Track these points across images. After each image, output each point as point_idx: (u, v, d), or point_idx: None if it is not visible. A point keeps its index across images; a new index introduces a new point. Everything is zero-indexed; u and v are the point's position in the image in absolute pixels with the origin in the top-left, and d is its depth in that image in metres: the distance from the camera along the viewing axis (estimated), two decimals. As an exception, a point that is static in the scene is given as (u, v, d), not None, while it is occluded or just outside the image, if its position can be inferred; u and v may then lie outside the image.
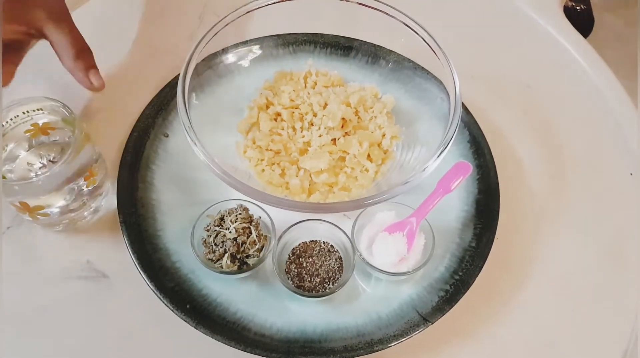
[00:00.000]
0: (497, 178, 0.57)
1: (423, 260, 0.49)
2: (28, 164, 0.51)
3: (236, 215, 0.49)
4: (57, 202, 0.49)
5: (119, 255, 0.52)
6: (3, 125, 0.49)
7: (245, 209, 0.50)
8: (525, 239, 0.57)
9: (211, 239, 0.49)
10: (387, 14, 0.57)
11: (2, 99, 0.48)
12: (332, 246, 0.52)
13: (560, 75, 0.70)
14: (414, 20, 0.56)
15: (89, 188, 0.51)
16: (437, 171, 0.49)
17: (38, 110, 0.50)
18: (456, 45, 0.55)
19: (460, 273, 0.51)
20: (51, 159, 0.50)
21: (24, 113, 0.49)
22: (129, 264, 0.50)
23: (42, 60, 0.59)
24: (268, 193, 0.46)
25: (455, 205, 0.56)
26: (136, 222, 0.52)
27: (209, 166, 0.47)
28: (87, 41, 0.57)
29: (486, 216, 0.55)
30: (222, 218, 0.50)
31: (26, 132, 0.50)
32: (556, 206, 0.59)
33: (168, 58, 0.65)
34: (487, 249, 0.52)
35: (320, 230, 0.51)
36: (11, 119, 0.49)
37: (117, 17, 0.70)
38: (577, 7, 1.03)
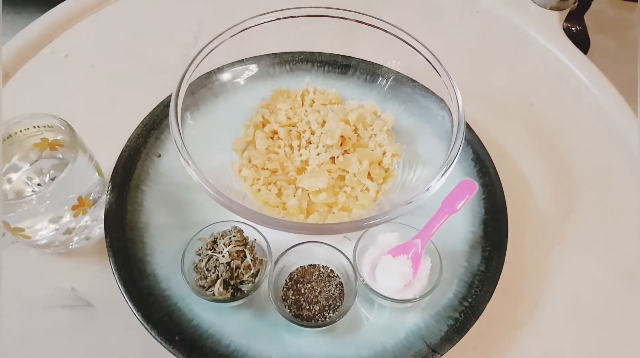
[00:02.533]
0: (503, 197, 0.54)
1: (430, 285, 0.46)
2: (28, 178, 0.49)
3: (230, 238, 0.46)
4: (40, 230, 0.47)
5: (105, 283, 0.49)
6: (12, 135, 0.48)
7: (240, 231, 0.47)
8: (536, 262, 0.54)
9: (203, 264, 0.46)
10: (386, 31, 0.56)
11: (2, 101, 0.46)
12: (332, 271, 0.49)
13: (563, 92, 0.69)
14: (413, 37, 0.54)
15: (78, 218, 0.49)
16: (441, 190, 0.47)
17: (49, 126, 0.48)
18: (457, 64, 0.54)
19: (470, 300, 0.48)
20: (51, 176, 0.49)
21: (34, 127, 0.48)
22: (115, 292, 0.47)
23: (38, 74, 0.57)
24: (264, 214, 0.44)
25: (461, 226, 0.53)
26: (124, 246, 0.50)
27: (202, 186, 0.45)
28: (81, 59, 0.56)
29: (494, 238, 0.52)
30: (215, 241, 0.47)
31: (35, 145, 0.49)
32: (565, 226, 0.57)
33: (162, 77, 0.63)
34: (497, 273, 0.49)
35: (319, 254, 0.48)
36: (21, 131, 0.48)
37: (111, 36, 0.69)
38: (573, 28, 1.03)
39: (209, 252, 0.46)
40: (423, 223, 0.49)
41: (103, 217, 0.51)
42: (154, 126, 0.57)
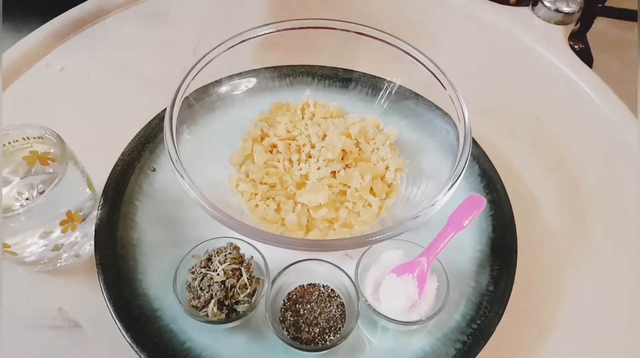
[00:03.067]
0: (512, 214, 0.52)
1: (437, 306, 0.44)
2: (18, 193, 0.47)
3: (225, 255, 0.44)
4: (27, 246, 0.45)
5: (94, 302, 0.47)
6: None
7: (236, 248, 0.45)
8: (546, 281, 0.52)
9: (196, 283, 0.43)
10: (388, 43, 0.55)
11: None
12: (332, 290, 0.46)
13: (569, 107, 0.67)
14: (417, 49, 0.53)
15: (67, 234, 0.46)
16: (447, 206, 0.45)
17: (38, 138, 0.46)
18: (460, 79, 0.53)
19: (479, 322, 0.46)
20: (40, 191, 0.47)
21: (24, 139, 0.46)
22: (104, 312, 0.45)
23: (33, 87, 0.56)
24: (262, 230, 0.42)
25: (468, 244, 0.51)
26: (114, 264, 0.47)
27: (197, 200, 0.43)
28: (77, 72, 0.54)
29: (503, 256, 0.50)
30: (209, 259, 0.45)
31: (24, 158, 0.47)
32: (576, 243, 0.55)
33: (160, 90, 0.63)
34: (507, 294, 0.47)
35: (319, 272, 0.46)
36: (9, 143, 0.46)
37: (108, 49, 0.68)
38: (576, 46, 1.02)
39: (203, 270, 0.44)
40: (428, 240, 0.47)
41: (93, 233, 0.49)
42: (149, 139, 0.55)
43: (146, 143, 0.55)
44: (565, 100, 0.68)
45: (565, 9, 0.71)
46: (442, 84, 0.51)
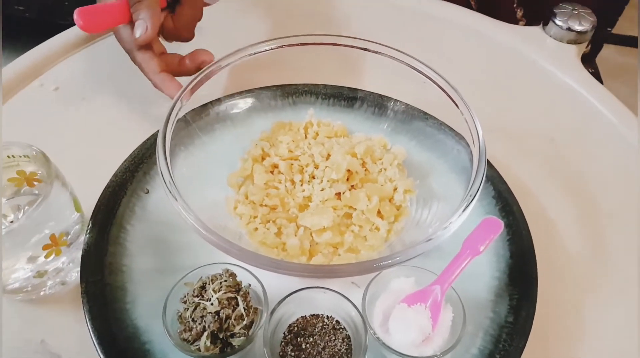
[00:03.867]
0: (530, 238, 0.49)
1: (452, 339, 0.40)
2: (4, 215, 0.45)
3: (220, 283, 0.41)
4: (10, 272, 0.42)
5: (79, 334, 0.43)
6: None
7: (232, 275, 0.42)
8: (569, 312, 0.48)
9: (188, 313, 0.40)
10: (396, 59, 0.53)
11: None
12: (337, 322, 0.42)
13: (585, 127, 0.64)
14: (427, 65, 0.51)
15: (51, 259, 0.43)
16: (460, 229, 0.41)
17: (25, 156, 0.44)
18: (471, 99, 0.50)
19: (498, 357, 0.41)
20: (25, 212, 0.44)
21: (9, 157, 0.43)
22: (88, 345, 0.41)
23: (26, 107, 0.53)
24: (261, 255, 0.38)
25: (484, 270, 0.47)
26: (101, 292, 0.44)
27: (191, 223, 0.40)
28: (71, 92, 0.52)
29: (523, 284, 0.46)
30: (203, 287, 0.41)
31: (10, 180, 0.44)
32: (598, 271, 0.51)
33: (157, 110, 0.61)
34: (528, 325, 0.43)
35: (323, 302, 0.42)
36: None
37: (104, 69, 0.66)
38: (587, 70, 1.01)
39: (196, 300, 0.40)
40: (442, 266, 0.43)
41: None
42: (143, 160, 0.52)
43: (140, 163, 0.52)
44: (581, 120, 0.65)
45: (578, 28, 0.69)
46: (454, 101, 0.49)
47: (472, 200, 0.40)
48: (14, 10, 0.83)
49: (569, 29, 0.70)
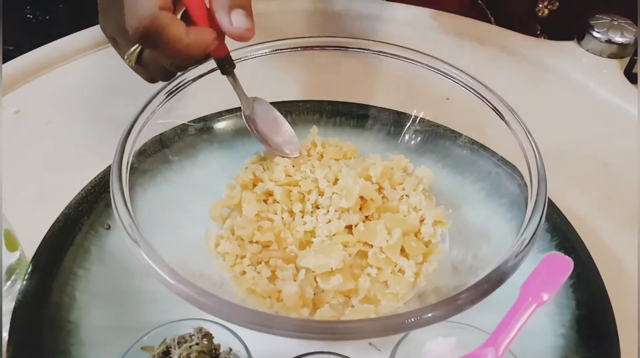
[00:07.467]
0: (602, 282, 0.38)
1: None
2: None
3: (190, 346, 0.30)
4: None
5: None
6: None
7: (207, 335, 0.31)
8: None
9: (141, 391, 0.28)
10: (419, 62, 0.45)
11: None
12: (352, 400, 0.31)
13: (638, 147, 0.55)
14: (460, 70, 0.44)
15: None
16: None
17: None
18: None
19: None
20: None
21: None
22: None
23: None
24: (248, 308, 0.30)
25: (544, 326, 0.37)
26: (34, 360, 0.33)
27: (154, 269, 0.31)
28: (36, 115, 0.49)
29: (599, 343, 0.36)
30: (166, 353, 0.30)
31: None
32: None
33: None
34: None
35: (332, 373, 0.32)
36: None
37: (75, 92, 0.58)
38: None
39: (154, 371, 0.29)
40: (490, 321, 0.32)
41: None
42: (105, 189, 0.43)
43: (101, 193, 0.43)
44: (635, 142, 0.56)
45: (619, 39, 0.61)
46: (500, 114, 0.41)
47: (534, 235, 0.32)
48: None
49: (608, 41, 0.62)
